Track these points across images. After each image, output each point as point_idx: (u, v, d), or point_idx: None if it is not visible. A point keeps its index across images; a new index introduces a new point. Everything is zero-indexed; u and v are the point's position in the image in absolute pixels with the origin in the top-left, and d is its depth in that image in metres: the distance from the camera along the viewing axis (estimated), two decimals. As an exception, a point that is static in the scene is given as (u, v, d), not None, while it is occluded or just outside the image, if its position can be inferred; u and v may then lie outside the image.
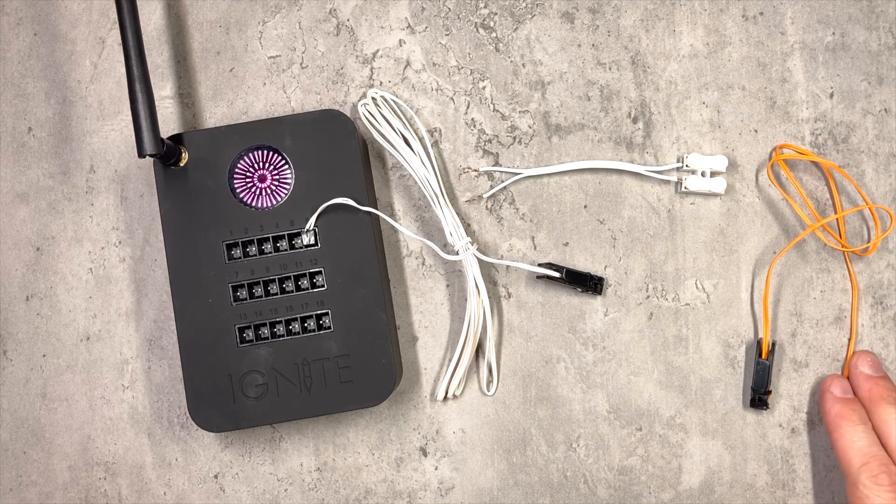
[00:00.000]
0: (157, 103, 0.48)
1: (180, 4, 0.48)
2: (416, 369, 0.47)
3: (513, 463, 0.47)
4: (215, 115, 0.48)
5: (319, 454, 0.47)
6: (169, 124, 0.48)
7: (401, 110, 0.46)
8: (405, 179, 0.47)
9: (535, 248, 0.47)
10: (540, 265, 0.45)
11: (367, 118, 0.46)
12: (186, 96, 0.48)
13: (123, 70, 0.47)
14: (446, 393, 0.46)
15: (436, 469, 0.47)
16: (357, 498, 0.47)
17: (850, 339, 0.46)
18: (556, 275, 0.45)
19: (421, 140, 0.46)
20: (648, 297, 0.47)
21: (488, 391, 0.47)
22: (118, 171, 0.48)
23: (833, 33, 0.47)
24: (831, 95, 0.47)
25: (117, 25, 0.45)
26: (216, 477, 0.47)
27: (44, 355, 0.48)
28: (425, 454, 0.47)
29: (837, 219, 0.46)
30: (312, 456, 0.47)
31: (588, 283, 0.46)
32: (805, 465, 0.46)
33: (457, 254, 0.45)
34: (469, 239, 0.45)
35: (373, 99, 0.46)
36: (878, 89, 0.47)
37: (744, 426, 0.46)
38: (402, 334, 0.47)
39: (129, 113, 0.47)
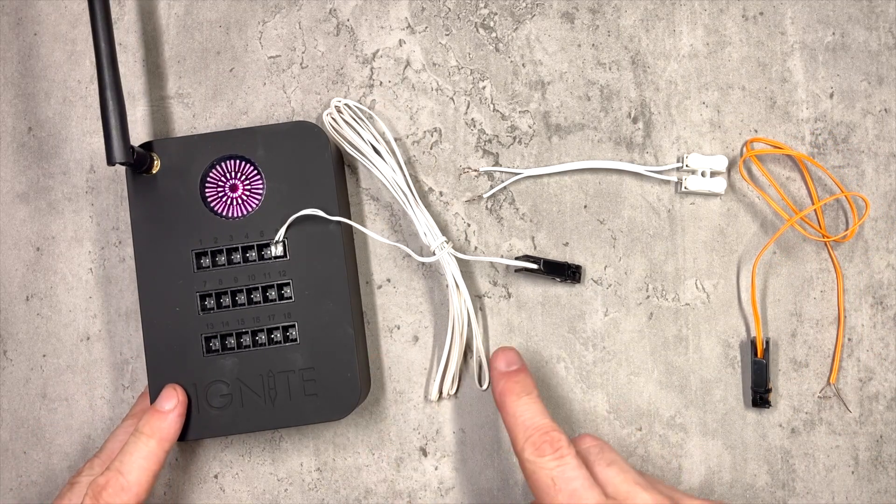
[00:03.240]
0: (157, 103, 0.48)
1: (180, 4, 0.48)
2: (416, 369, 0.47)
3: (513, 463, 0.47)
4: (215, 114, 0.48)
5: (319, 454, 0.47)
6: (169, 124, 0.48)
7: (364, 116, 0.46)
8: (382, 185, 0.47)
9: (535, 248, 0.47)
10: (517, 258, 0.45)
11: (332, 127, 0.46)
12: (186, 96, 0.48)
13: (123, 69, 0.47)
14: (440, 393, 0.46)
15: (436, 469, 0.47)
16: (357, 498, 0.47)
17: (838, 325, 0.46)
18: (534, 266, 0.45)
19: (388, 143, 0.46)
20: (648, 297, 0.47)
21: (482, 386, 0.47)
22: (118, 171, 0.48)
23: (833, 33, 0.47)
24: (831, 95, 0.47)
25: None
26: (216, 477, 0.47)
27: (44, 355, 0.48)
28: (425, 454, 0.47)
29: (815, 210, 0.46)
30: (312, 456, 0.47)
31: (566, 273, 0.46)
32: (805, 465, 0.46)
33: (433, 254, 0.45)
34: (444, 238, 0.45)
35: (336, 108, 0.46)
36: (878, 89, 0.47)
37: (744, 426, 0.46)
38: (402, 334, 0.47)
39: (132, 112, 0.47)
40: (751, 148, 0.46)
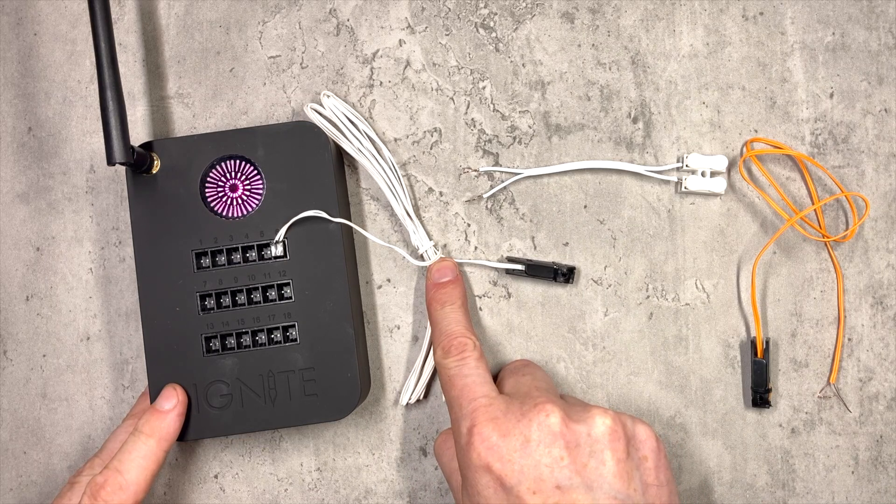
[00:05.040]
0: (157, 103, 0.48)
1: (180, 4, 0.48)
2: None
3: (513, 463, 0.46)
4: (215, 114, 0.48)
5: (319, 454, 0.47)
6: (169, 124, 0.48)
7: (347, 116, 0.46)
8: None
9: (535, 247, 0.47)
10: (502, 260, 0.46)
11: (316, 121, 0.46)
12: (186, 96, 0.48)
13: (123, 69, 0.47)
14: (411, 398, 0.46)
15: (436, 469, 0.47)
16: (357, 498, 0.47)
17: (838, 325, 0.46)
18: (520, 267, 0.45)
19: (373, 142, 0.46)
20: (648, 297, 0.47)
21: None
22: (118, 171, 0.48)
23: (833, 33, 0.47)
24: (831, 95, 0.47)
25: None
26: (216, 477, 0.47)
27: (44, 355, 0.48)
28: (425, 454, 0.47)
29: (815, 210, 0.46)
30: (312, 456, 0.47)
31: (556, 275, 0.45)
32: (805, 465, 0.46)
33: (420, 258, 0.45)
34: (433, 242, 0.45)
35: (316, 111, 0.46)
36: (878, 89, 0.47)
37: (744, 426, 0.46)
38: (402, 334, 0.47)
39: (132, 112, 0.47)
40: (751, 148, 0.46)
